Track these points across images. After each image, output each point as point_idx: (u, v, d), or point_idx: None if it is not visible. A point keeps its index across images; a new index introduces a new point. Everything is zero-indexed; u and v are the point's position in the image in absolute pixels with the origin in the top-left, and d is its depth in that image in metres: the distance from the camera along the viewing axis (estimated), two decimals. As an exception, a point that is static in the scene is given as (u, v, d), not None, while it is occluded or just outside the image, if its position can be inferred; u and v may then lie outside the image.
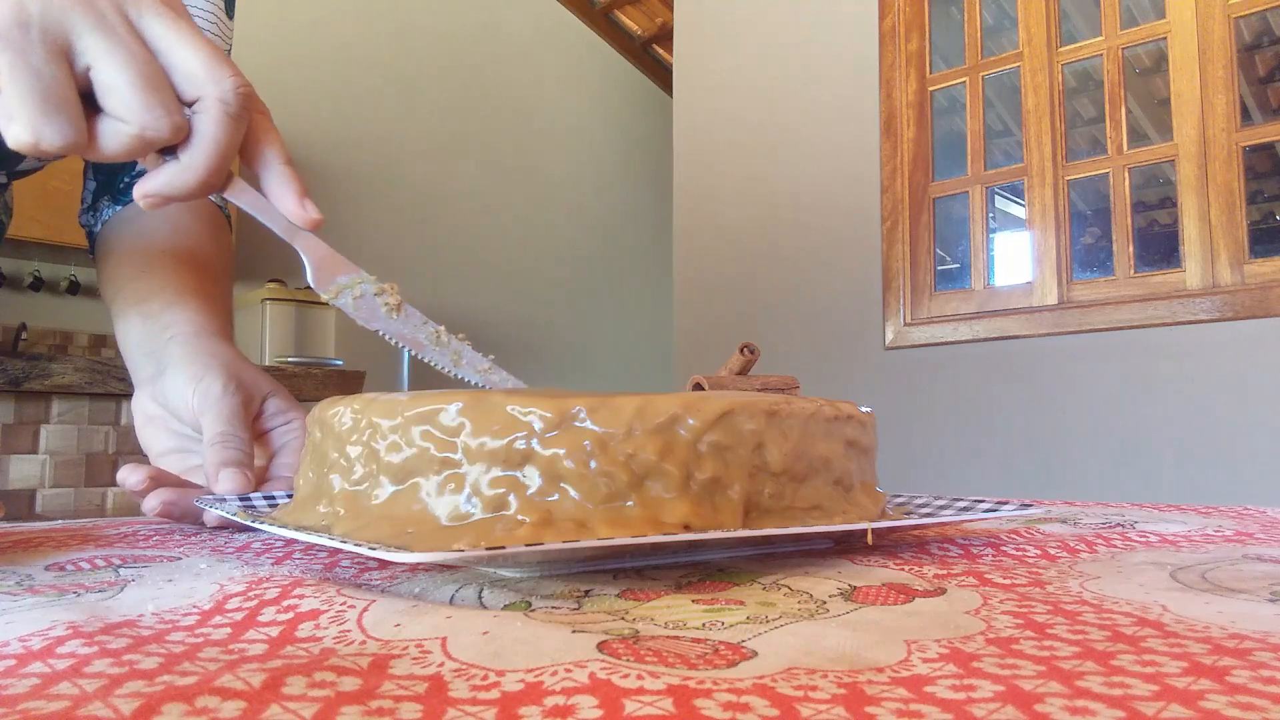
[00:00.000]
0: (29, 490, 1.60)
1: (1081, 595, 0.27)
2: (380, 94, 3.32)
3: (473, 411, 0.31)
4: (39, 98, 0.33)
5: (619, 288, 4.17)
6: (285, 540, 0.42)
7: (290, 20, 3.07)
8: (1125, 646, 0.20)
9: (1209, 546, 0.37)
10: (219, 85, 0.36)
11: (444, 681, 0.18)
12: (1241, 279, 1.97)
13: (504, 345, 3.59)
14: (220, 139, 0.37)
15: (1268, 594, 0.26)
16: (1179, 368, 2.00)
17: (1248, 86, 3.16)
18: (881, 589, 0.28)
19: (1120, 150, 2.18)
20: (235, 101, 0.36)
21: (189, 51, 0.36)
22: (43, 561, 0.36)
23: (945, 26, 2.58)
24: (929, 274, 2.44)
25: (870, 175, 2.52)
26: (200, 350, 0.55)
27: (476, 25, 3.67)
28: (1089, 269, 2.40)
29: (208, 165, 0.37)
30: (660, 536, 0.29)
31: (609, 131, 4.20)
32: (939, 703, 0.16)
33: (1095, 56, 2.27)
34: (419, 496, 0.31)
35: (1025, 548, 0.37)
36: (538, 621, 0.24)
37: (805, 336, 2.62)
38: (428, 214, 3.44)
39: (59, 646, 0.21)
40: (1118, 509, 0.55)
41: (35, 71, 0.33)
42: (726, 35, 2.90)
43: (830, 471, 0.36)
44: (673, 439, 0.31)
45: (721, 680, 0.18)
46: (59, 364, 1.63)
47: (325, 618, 0.25)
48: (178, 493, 0.48)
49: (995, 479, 2.26)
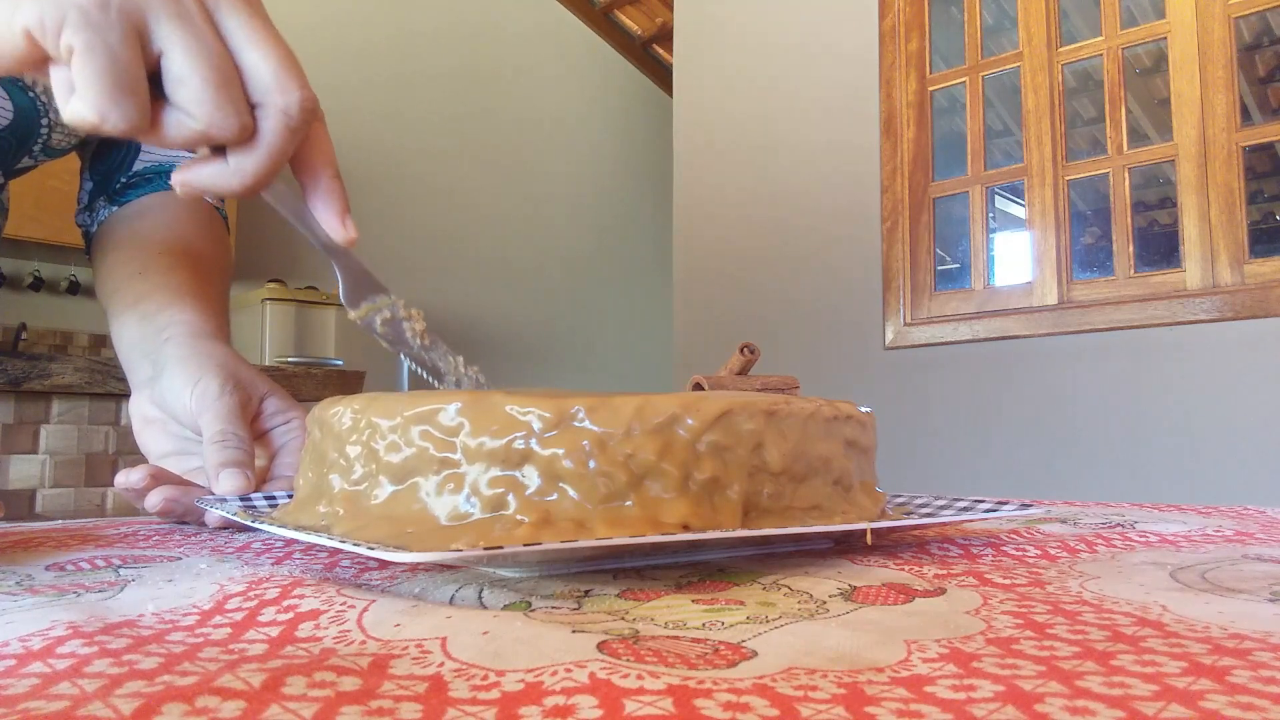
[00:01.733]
0: (29, 490, 1.60)
1: (1081, 595, 0.27)
2: (380, 94, 3.32)
3: (472, 411, 0.31)
4: (110, 79, 0.33)
5: (619, 288, 4.17)
6: (285, 540, 0.42)
7: (290, 20, 3.07)
8: (1125, 646, 0.20)
9: (1209, 546, 0.37)
10: (285, 95, 0.35)
11: (444, 681, 0.18)
12: (1241, 279, 1.97)
13: (504, 345, 3.59)
14: (276, 150, 0.36)
15: (1268, 594, 0.26)
16: (1179, 368, 2.00)
17: (1248, 86, 3.16)
18: (881, 589, 0.28)
19: (1120, 150, 2.18)
20: (299, 116, 0.36)
21: (262, 53, 0.35)
22: (43, 561, 0.36)
23: (945, 26, 2.58)
24: (929, 274, 2.44)
25: (870, 175, 2.52)
26: (197, 351, 0.55)
27: (476, 25, 3.67)
28: (1089, 269, 2.40)
29: (257, 173, 0.36)
30: (659, 536, 0.29)
31: (609, 132, 4.20)
32: (939, 703, 0.16)
33: (1095, 56, 2.27)
34: (418, 496, 0.31)
35: (1025, 548, 0.37)
36: (538, 621, 0.24)
37: (805, 336, 2.62)
38: (427, 214, 3.44)
39: (59, 646, 0.21)
40: (1118, 509, 0.55)
41: (111, 52, 0.33)
42: (726, 35, 2.90)
43: (830, 471, 0.35)
44: (672, 439, 0.31)
45: (721, 680, 0.18)
46: (59, 364, 1.63)
47: (325, 618, 0.25)
48: (179, 490, 0.48)
49: (995, 479, 2.26)
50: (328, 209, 0.40)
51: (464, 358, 0.46)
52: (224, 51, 0.35)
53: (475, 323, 3.52)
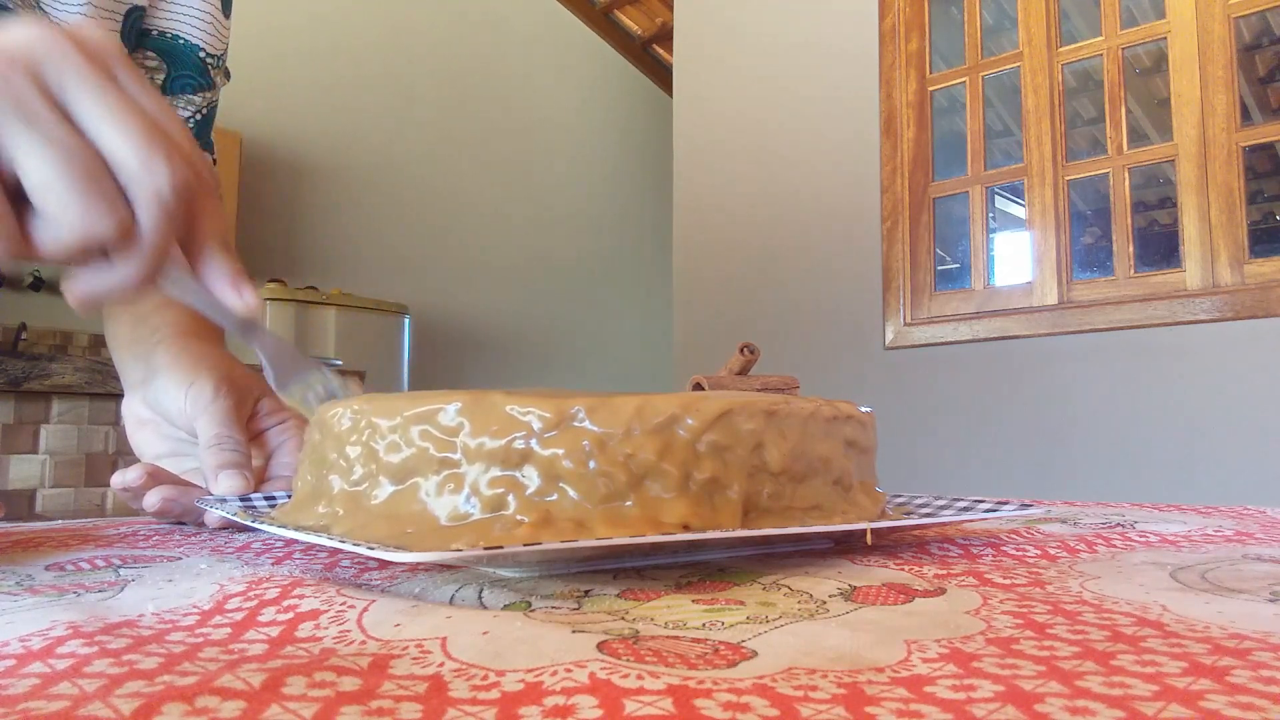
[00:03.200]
0: (29, 490, 1.60)
1: (1081, 595, 0.27)
2: (380, 94, 3.32)
3: (472, 411, 0.31)
4: None
5: (619, 288, 4.17)
6: (285, 540, 0.42)
7: (290, 20, 3.07)
8: (1125, 646, 0.20)
9: (1209, 546, 0.37)
10: (154, 177, 0.31)
11: (444, 681, 0.18)
12: (1241, 279, 1.97)
13: (503, 345, 3.59)
14: (158, 240, 0.32)
15: (1268, 594, 0.26)
16: (1179, 368, 2.00)
17: (1248, 86, 3.16)
18: (881, 589, 0.28)
19: (1120, 150, 2.18)
20: (172, 197, 0.31)
21: (121, 132, 0.30)
22: (43, 561, 0.36)
23: (945, 26, 2.58)
24: (929, 274, 2.44)
25: (870, 175, 2.52)
26: (189, 353, 0.55)
27: (476, 25, 3.67)
28: (1089, 269, 2.40)
29: (146, 269, 0.32)
30: (659, 536, 0.29)
31: (609, 131, 4.20)
32: (939, 703, 0.16)
33: (1095, 56, 2.27)
34: (418, 496, 0.31)
35: (1025, 548, 0.37)
36: (538, 621, 0.24)
37: (805, 336, 2.62)
38: (427, 214, 3.44)
39: (59, 646, 0.21)
40: (1118, 509, 0.55)
41: None
42: (726, 35, 2.90)
43: (830, 471, 0.35)
44: (671, 439, 0.31)
45: (721, 680, 0.18)
46: (59, 364, 1.63)
47: (325, 618, 0.25)
48: (177, 490, 0.48)
49: (995, 479, 2.26)
50: (219, 282, 0.36)
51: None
52: (80, 142, 0.30)
53: (475, 323, 3.52)
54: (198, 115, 0.77)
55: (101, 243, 0.31)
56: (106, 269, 0.32)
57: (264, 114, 2.94)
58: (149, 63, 0.72)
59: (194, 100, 0.76)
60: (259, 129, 2.92)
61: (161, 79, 0.73)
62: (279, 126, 3.00)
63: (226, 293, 0.36)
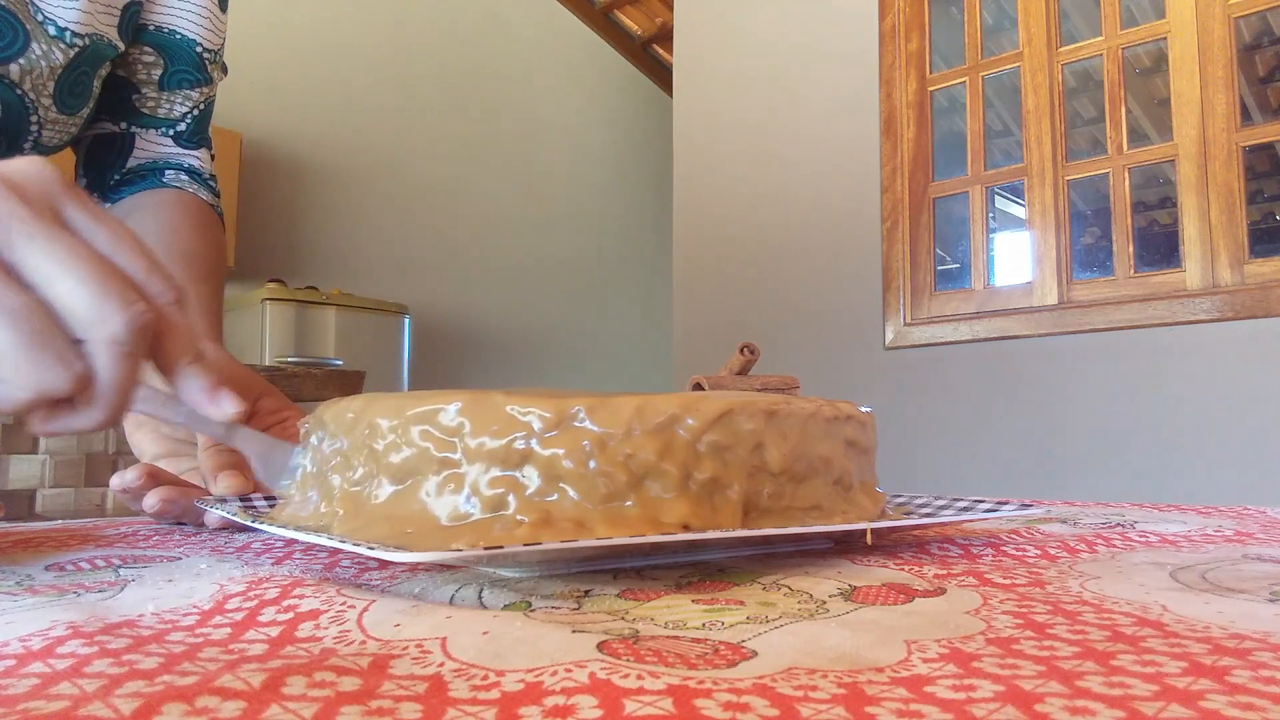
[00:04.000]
0: (29, 490, 1.60)
1: (1081, 595, 0.27)
2: (380, 94, 3.32)
3: (472, 411, 0.31)
4: None
5: (619, 288, 4.17)
6: (285, 540, 0.42)
7: (290, 21, 3.07)
8: (1125, 646, 0.20)
9: (1209, 546, 0.37)
10: (108, 324, 0.30)
11: (444, 681, 0.18)
12: (1241, 279, 1.97)
13: (504, 345, 3.59)
14: (119, 382, 0.31)
15: (1268, 594, 0.26)
16: (1179, 368, 2.00)
17: (1248, 86, 3.16)
18: (881, 589, 0.28)
19: (1120, 150, 2.18)
20: (129, 340, 0.30)
21: (70, 284, 0.29)
22: (43, 561, 0.36)
23: (945, 26, 2.58)
24: (929, 274, 2.44)
25: (870, 175, 2.52)
26: None
27: (477, 25, 3.67)
28: (1089, 269, 2.41)
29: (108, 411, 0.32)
30: (659, 536, 0.29)
31: (609, 131, 4.20)
32: (939, 703, 0.16)
33: (1095, 56, 2.27)
34: (418, 496, 0.31)
35: (1025, 548, 0.37)
36: (538, 621, 0.24)
37: (805, 336, 2.62)
38: (427, 214, 3.44)
39: (59, 646, 0.21)
40: (1118, 509, 0.55)
41: None
42: (726, 35, 2.90)
43: (830, 471, 0.35)
44: (672, 439, 0.31)
45: (721, 680, 0.18)
46: (59, 364, 1.63)
47: (325, 618, 0.25)
48: (176, 490, 0.48)
49: (995, 479, 2.26)
50: (195, 395, 0.36)
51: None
52: (27, 300, 0.29)
53: (475, 323, 3.52)
54: (195, 110, 0.77)
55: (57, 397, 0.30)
56: (69, 413, 0.32)
57: (264, 114, 2.94)
58: (146, 58, 0.72)
59: (191, 96, 0.76)
60: (259, 129, 2.92)
61: (159, 74, 0.73)
62: (279, 126, 3.00)
63: (205, 406, 0.35)
